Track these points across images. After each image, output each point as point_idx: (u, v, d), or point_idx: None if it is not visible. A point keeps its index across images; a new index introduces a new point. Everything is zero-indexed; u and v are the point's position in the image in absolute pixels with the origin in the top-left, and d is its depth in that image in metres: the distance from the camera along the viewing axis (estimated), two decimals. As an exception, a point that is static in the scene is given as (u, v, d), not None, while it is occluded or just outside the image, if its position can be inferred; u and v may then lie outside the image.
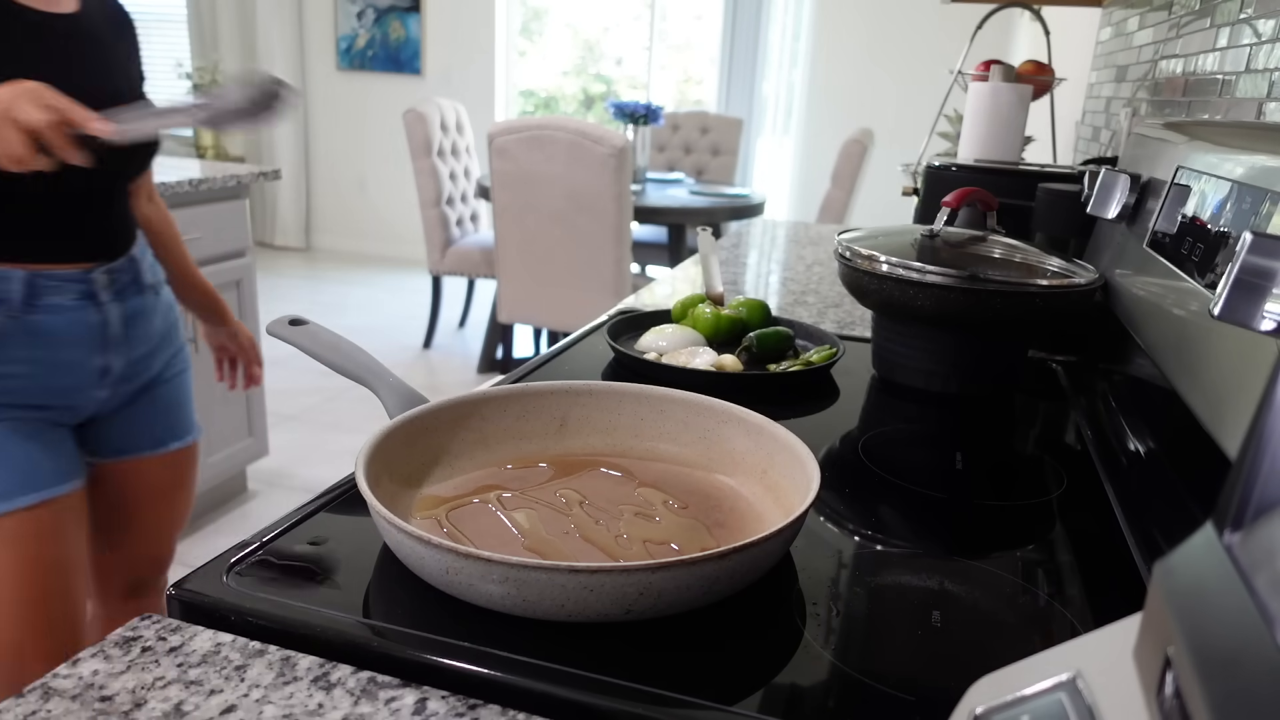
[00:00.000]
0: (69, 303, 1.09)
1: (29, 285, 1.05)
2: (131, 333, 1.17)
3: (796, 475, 0.61)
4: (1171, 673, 0.22)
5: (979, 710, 0.28)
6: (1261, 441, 0.23)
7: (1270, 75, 0.87)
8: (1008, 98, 1.35)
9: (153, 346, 1.22)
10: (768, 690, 0.47)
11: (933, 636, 0.52)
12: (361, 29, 5.51)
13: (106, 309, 1.13)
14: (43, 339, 1.07)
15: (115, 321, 1.14)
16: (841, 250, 0.99)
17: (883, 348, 1.01)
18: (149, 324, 1.21)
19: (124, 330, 1.16)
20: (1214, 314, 0.39)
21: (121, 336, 1.16)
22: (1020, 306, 0.89)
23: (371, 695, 0.45)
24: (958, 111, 1.72)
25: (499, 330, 3.66)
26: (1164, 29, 1.30)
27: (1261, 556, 0.22)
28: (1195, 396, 0.60)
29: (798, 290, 1.48)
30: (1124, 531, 0.67)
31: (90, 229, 1.12)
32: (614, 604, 0.49)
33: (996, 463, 0.83)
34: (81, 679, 0.46)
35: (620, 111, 3.59)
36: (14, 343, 1.06)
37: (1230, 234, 0.61)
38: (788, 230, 2.18)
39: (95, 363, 1.14)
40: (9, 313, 1.04)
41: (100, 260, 1.12)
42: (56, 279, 1.07)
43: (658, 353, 1.01)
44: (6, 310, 1.04)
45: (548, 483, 0.67)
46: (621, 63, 5.82)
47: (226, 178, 2.32)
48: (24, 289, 1.05)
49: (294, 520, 0.62)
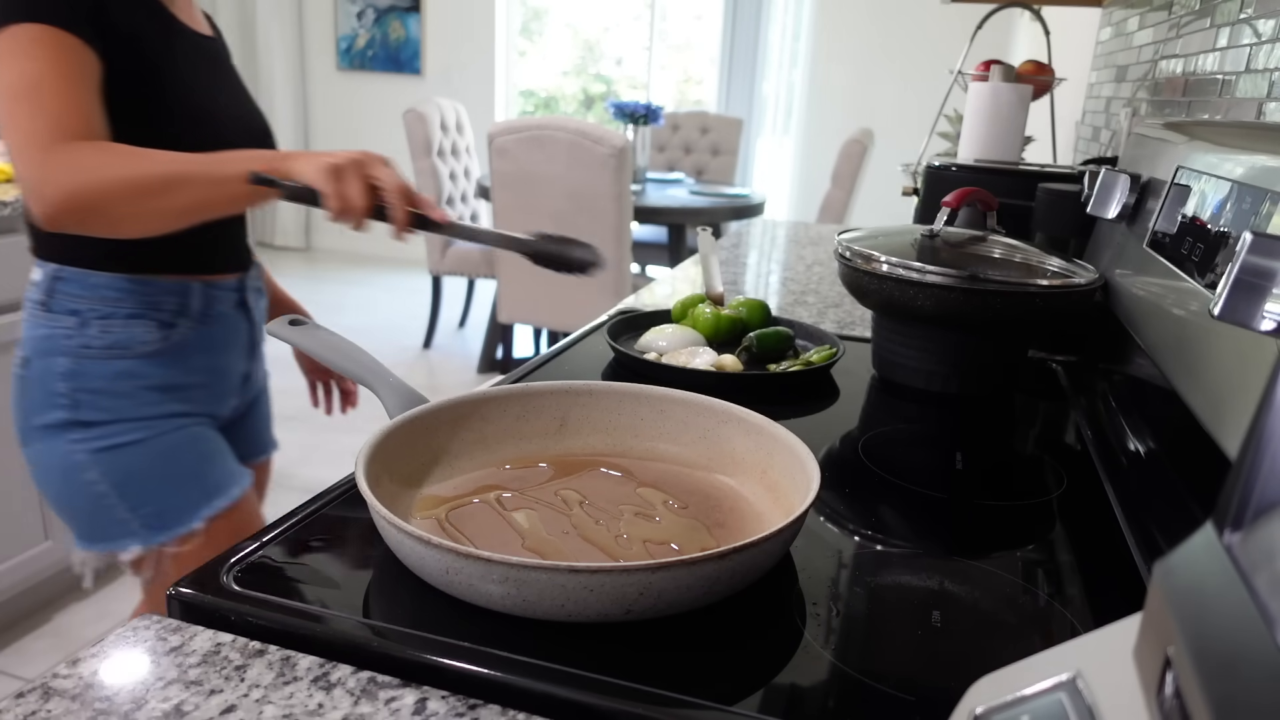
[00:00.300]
0: (230, 311, 1.12)
1: (205, 296, 1.08)
2: (258, 338, 1.20)
3: (796, 475, 0.61)
4: (1171, 673, 0.22)
5: (979, 710, 0.28)
6: (1261, 441, 0.23)
7: (1270, 75, 0.87)
8: (1008, 98, 1.35)
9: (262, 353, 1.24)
10: (768, 690, 0.47)
11: (933, 636, 0.52)
12: (361, 29, 5.51)
13: (252, 315, 1.16)
14: (212, 347, 1.10)
15: (257, 327, 1.18)
16: (841, 250, 0.99)
17: (883, 348, 1.01)
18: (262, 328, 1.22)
19: (260, 336, 1.19)
20: (1214, 314, 0.39)
21: (257, 341, 1.19)
22: (1020, 306, 0.89)
23: (371, 695, 0.45)
24: (958, 111, 1.72)
25: (499, 330, 3.65)
26: (1164, 29, 1.30)
27: (1261, 556, 0.22)
28: (1195, 396, 0.60)
29: (798, 290, 1.48)
30: (1124, 531, 0.67)
31: (240, 237, 1.15)
32: (614, 604, 0.49)
33: (996, 463, 0.83)
34: (81, 679, 0.46)
35: (620, 111, 3.59)
36: (193, 351, 1.08)
37: (1230, 234, 0.61)
38: (788, 230, 2.18)
39: (241, 369, 1.17)
40: (190, 324, 1.06)
41: (246, 268, 1.15)
42: (221, 288, 1.10)
43: (658, 353, 1.01)
44: (189, 322, 1.06)
45: (548, 483, 0.67)
46: (621, 63, 5.82)
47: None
48: (202, 300, 1.07)
49: (294, 520, 0.62)
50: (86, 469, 1.02)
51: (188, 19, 1.08)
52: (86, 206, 0.89)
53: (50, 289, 1.02)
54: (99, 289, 1.01)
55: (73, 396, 1.01)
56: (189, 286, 1.06)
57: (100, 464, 1.02)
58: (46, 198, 0.89)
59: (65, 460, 1.03)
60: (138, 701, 0.44)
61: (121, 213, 0.91)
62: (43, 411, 1.02)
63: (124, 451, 1.03)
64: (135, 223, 0.93)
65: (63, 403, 1.01)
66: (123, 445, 1.02)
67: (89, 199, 0.89)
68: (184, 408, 1.08)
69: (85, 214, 0.90)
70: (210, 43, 1.11)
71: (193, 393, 1.08)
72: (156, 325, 1.04)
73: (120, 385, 1.02)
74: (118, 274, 1.02)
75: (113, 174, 0.89)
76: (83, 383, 1.01)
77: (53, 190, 0.88)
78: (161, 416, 1.05)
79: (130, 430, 1.03)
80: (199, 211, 0.94)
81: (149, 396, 1.04)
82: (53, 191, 0.88)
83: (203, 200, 0.93)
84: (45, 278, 1.03)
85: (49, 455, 1.03)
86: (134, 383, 1.03)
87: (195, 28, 1.09)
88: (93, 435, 1.02)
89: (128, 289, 1.02)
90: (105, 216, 0.91)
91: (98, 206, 0.90)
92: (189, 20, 1.08)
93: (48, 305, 1.02)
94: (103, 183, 0.89)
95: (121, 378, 1.02)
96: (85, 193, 0.89)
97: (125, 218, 0.92)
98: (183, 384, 1.07)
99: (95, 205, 0.89)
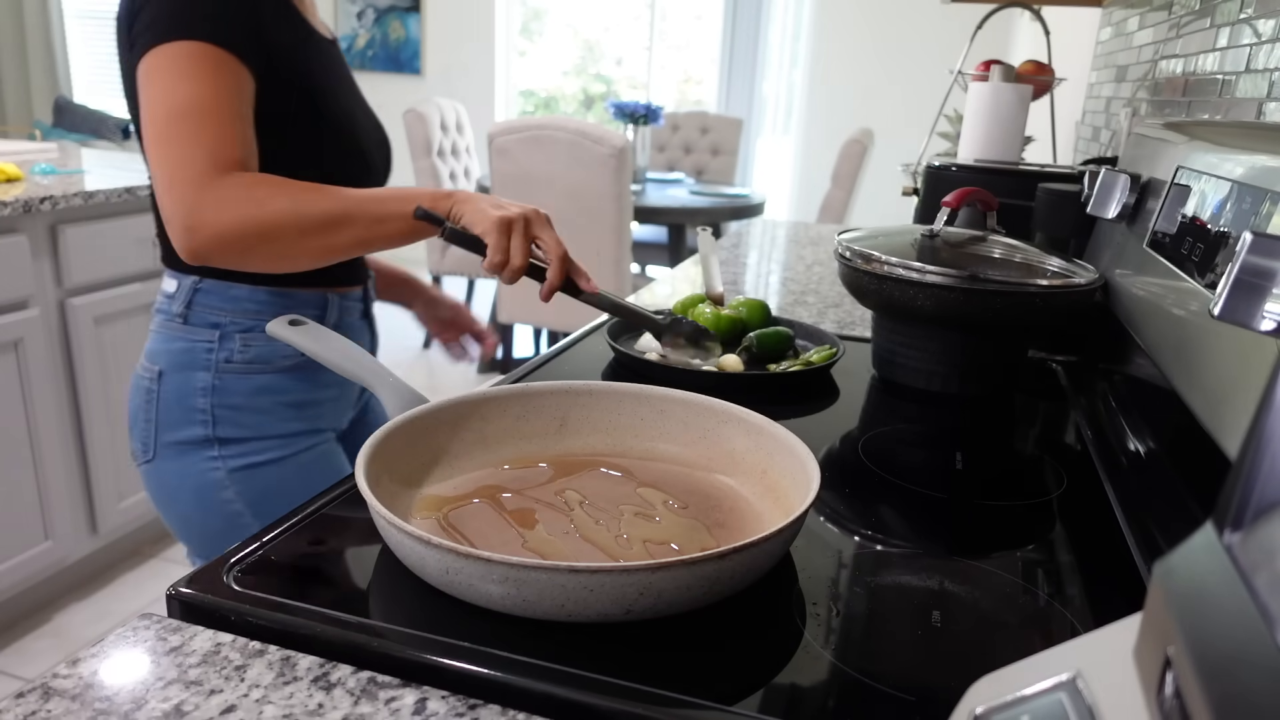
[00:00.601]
0: (356, 321, 1.10)
1: (339, 307, 1.06)
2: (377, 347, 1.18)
3: (796, 475, 0.61)
4: (1171, 673, 0.22)
5: (979, 710, 0.28)
6: (1261, 441, 0.23)
7: (1270, 75, 0.87)
8: (1008, 98, 1.35)
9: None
10: (768, 690, 0.47)
11: (933, 636, 0.52)
12: (361, 29, 5.51)
13: (374, 324, 1.15)
14: None
15: (376, 337, 1.16)
16: (841, 250, 0.99)
17: (883, 348, 1.01)
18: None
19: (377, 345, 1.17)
20: (1214, 314, 0.39)
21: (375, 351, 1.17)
22: (1020, 306, 0.89)
23: (371, 695, 0.45)
24: (958, 111, 1.72)
25: (499, 330, 3.66)
26: (1164, 29, 1.30)
27: (1261, 556, 0.22)
28: (1195, 396, 0.60)
29: (798, 290, 1.48)
30: (1124, 531, 0.67)
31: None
32: (614, 604, 0.49)
33: (996, 463, 0.83)
34: (81, 679, 0.46)
35: (620, 111, 3.59)
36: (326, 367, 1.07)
37: (1230, 234, 0.61)
38: (788, 230, 2.18)
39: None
40: None
41: (366, 279, 1.13)
42: (350, 299, 1.09)
43: (657, 353, 1.01)
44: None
45: (548, 483, 0.67)
46: (621, 63, 5.82)
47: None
48: (337, 312, 1.06)
49: (294, 520, 0.62)
50: (223, 488, 1.00)
51: (317, 24, 1.06)
52: (241, 246, 0.86)
53: (189, 301, 0.99)
54: (241, 301, 0.99)
55: (212, 413, 0.99)
56: (327, 298, 1.04)
57: (238, 483, 1.00)
58: (197, 234, 0.85)
59: (201, 479, 1.00)
60: (138, 701, 0.44)
61: (277, 251, 0.88)
62: (178, 428, 0.99)
63: (261, 471, 1.01)
64: (288, 261, 0.90)
65: (201, 419, 0.99)
66: (260, 464, 1.01)
67: (245, 238, 0.85)
68: (316, 424, 1.06)
69: (239, 252, 0.87)
70: (333, 46, 1.09)
71: (323, 408, 1.06)
72: None
73: (260, 401, 1.00)
74: (259, 286, 0.99)
75: (272, 212, 0.86)
76: (223, 399, 0.99)
77: (207, 229, 0.85)
78: (297, 434, 1.03)
79: (268, 449, 1.01)
80: (356, 249, 0.91)
81: (286, 413, 1.02)
82: (207, 230, 0.85)
83: (362, 238, 0.90)
84: (183, 289, 0.99)
85: (182, 473, 1.00)
86: (273, 399, 1.01)
87: (322, 32, 1.07)
88: (231, 453, 1.00)
89: (269, 301, 1.00)
90: (258, 255, 0.88)
91: (253, 246, 0.86)
92: (318, 25, 1.06)
93: (186, 318, 0.99)
94: (261, 221, 0.86)
95: (261, 393, 1.00)
96: (241, 231, 0.85)
97: (280, 256, 0.89)
98: (315, 399, 1.05)
99: (251, 245, 0.86)
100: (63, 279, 1.94)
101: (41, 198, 1.85)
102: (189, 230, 0.85)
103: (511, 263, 0.88)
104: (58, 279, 1.94)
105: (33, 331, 1.88)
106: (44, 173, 2.17)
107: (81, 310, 1.97)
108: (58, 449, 1.97)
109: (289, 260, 0.90)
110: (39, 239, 1.89)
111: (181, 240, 0.86)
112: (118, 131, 4.98)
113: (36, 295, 1.89)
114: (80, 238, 1.95)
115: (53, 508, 1.98)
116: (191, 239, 0.85)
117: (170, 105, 0.86)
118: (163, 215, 0.87)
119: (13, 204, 1.79)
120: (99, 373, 2.04)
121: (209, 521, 1.02)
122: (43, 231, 1.89)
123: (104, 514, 2.11)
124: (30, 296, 1.88)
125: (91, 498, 2.08)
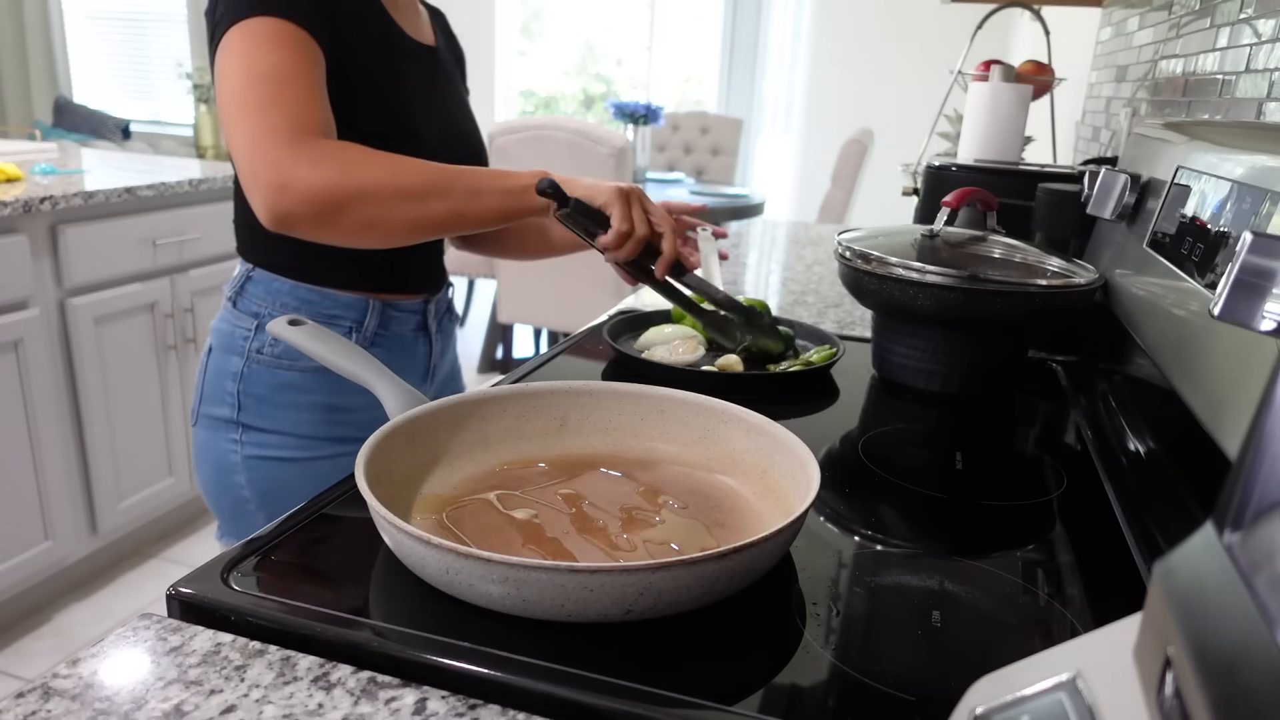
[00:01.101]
0: (407, 334, 1.08)
1: (382, 316, 1.04)
2: (442, 361, 1.16)
3: (796, 475, 0.61)
4: (1171, 673, 0.22)
5: (979, 710, 0.28)
6: (1261, 441, 0.23)
7: (1270, 75, 0.87)
8: (1008, 98, 1.35)
9: (446, 375, 1.19)
10: (768, 690, 0.47)
11: (933, 636, 0.52)
12: (361, 29, 5.50)
13: (433, 340, 1.12)
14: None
15: (436, 353, 1.14)
16: (841, 250, 0.99)
17: (883, 348, 1.01)
18: (451, 355, 1.20)
19: (440, 360, 1.15)
20: (1214, 314, 0.39)
21: (438, 367, 1.15)
22: (1020, 306, 0.89)
23: (371, 695, 0.45)
24: (958, 111, 1.72)
25: (499, 330, 3.65)
26: (1164, 29, 1.30)
27: (1261, 556, 0.22)
28: (1195, 396, 0.60)
29: (798, 290, 1.48)
30: (1124, 531, 0.67)
31: (429, 260, 1.10)
32: (614, 604, 0.49)
33: (996, 463, 0.83)
34: (81, 679, 0.46)
35: (620, 111, 3.59)
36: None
37: (1230, 234, 0.61)
38: (788, 230, 2.18)
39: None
40: (361, 342, 1.02)
41: (432, 292, 1.11)
42: (400, 309, 1.06)
43: (658, 351, 1.01)
44: (360, 338, 1.02)
45: (548, 483, 0.67)
46: (621, 63, 5.82)
47: (226, 178, 2.32)
48: (377, 319, 1.03)
49: (294, 520, 0.62)
50: (236, 471, 1.01)
51: (411, 28, 1.03)
52: (332, 208, 0.82)
53: (240, 288, 1.01)
54: (280, 295, 0.99)
55: (238, 398, 1.00)
56: (367, 304, 1.02)
57: (249, 470, 1.01)
58: (287, 192, 0.81)
59: (221, 457, 1.02)
60: (138, 701, 0.44)
61: (369, 216, 0.84)
62: (213, 403, 1.02)
63: (273, 465, 1.01)
64: (378, 231, 0.86)
65: (229, 401, 1.00)
66: (274, 459, 1.01)
67: (336, 200, 0.82)
68: (343, 432, 1.03)
69: (330, 215, 0.83)
70: (431, 54, 1.06)
71: (353, 416, 1.03)
72: None
73: (282, 397, 1.00)
74: (300, 282, 0.99)
75: (367, 175, 0.83)
76: (249, 387, 1.00)
77: (299, 186, 0.81)
78: (319, 439, 1.02)
79: (284, 446, 1.01)
80: (448, 224, 0.88)
81: (308, 415, 1.01)
82: (298, 188, 0.81)
83: (457, 211, 0.87)
84: (239, 276, 1.02)
85: (209, 446, 1.03)
86: (295, 396, 1.00)
87: (417, 38, 1.04)
88: (250, 440, 1.00)
89: (306, 299, 0.99)
90: (347, 219, 0.84)
91: (346, 207, 0.83)
92: (412, 30, 1.03)
93: (235, 303, 1.01)
94: (355, 182, 0.83)
95: (284, 390, 1.00)
96: (333, 192, 0.82)
97: (371, 223, 0.85)
98: (343, 405, 1.02)
99: (344, 205, 0.83)
100: (63, 279, 1.94)
101: (41, 198, 1.85)
102: (280, 189, 0.81)
103: (637, 231, 0.89)
104: (58, 279, 1.94)
105: (33, 331, 1.88)
106: (44, 173, 2.17)
107: (81, 310, 1.97)
108: (58, 449, 1.97)
109: (378, 230, 0.86)
110: (39, 239, 1.89)
111: (269, 200, 0.82)
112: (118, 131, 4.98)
113: (36, 295, 1.89)
114: (80, 238, 1.95)
115: (53, 508, 1.98)
116: (281, 198, 0.82)
117: (251, 73, 0.84)
118: (247, 181, 0.84)
119: (13, 204, 1.79)
120: (99, 373, 2.04)
121: (220, 500, 1.04)
122: (43, 231, 1.89)
123: (104, 514, 2.11)
124: (30, 296, 1.88)
125: (91, 498, 2.08)
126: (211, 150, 5.26)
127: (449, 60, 1.11)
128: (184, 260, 2.22)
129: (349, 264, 0.99)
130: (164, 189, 2.14)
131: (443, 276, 1.14)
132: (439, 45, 1.09)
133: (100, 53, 5.83)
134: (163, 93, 5.74)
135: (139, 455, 2.18)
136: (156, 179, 2.16)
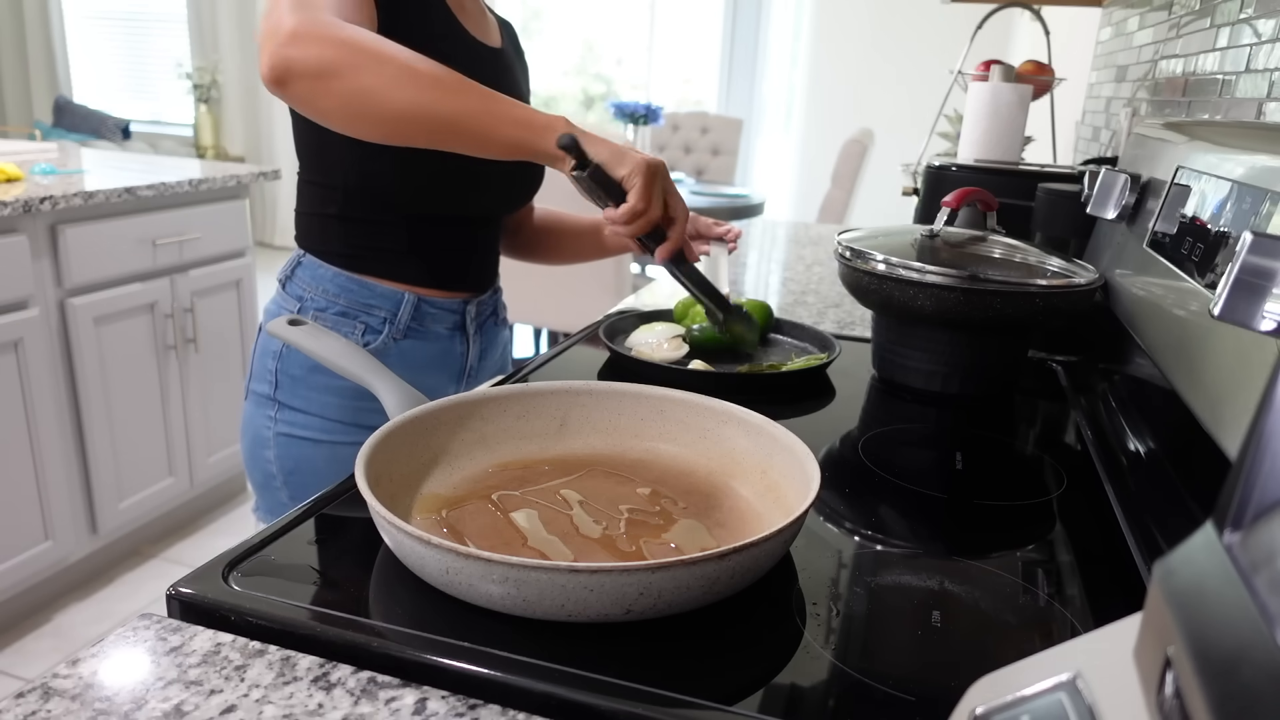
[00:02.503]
0: (442, 331, 1.08)
1: (417, 310, 1.04)
2: (481, 365, 1.16)
3: (796, 475, 0.61)
4: (1171, 673, 0.22)
5: (979, 710, 0.28)
6: (1261, 441, 0.23)
7: (1270, 75, 0.87)
8: (1008, 98, 1.35)
9: (487, 379, 1.19)
10: (768, 690, 0.47)
11: (933, 636, 0.52)
12: (361, 29, 5.50)
13: (470, 340, 1.12)
14: (412, 365, 1.05)
15: (474, 354, 1.13)
16: (841, 250, 0.99)
17: (883, 348, 1.01)
18: (494, 357, 1.19)
19: (478, 362, 1.15)
20: (1214, 314, 0.39)
21: (475, 369, 1.15)
22: (1020, 306, 0.89)
23: (371, 695, 0.45)
24: (958, 111, 1.72)
25: (499, 330, 3.65)
26: (1164, 29, 1.30)
27: (1261, 556, 0.22)
28: (1195, 396, 0.60)
29: (798, 290, 1.48)
30: (1124, 531, 0.67)
31: (474, 258, 1.09)
32: (614, 604, 0.49)
33: (996, 463, 0.83)
34: (81, 679, 0.46)
35: (620, 111, 3.59)
36: (389, 365, 1.04)
37: (1230, 234, 0.61)
38: (788, 230, 2.18)
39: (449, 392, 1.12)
40: (393, 334, 1.03)
41: (474, 292, 1.11)
42: (437, 306, 1.06)
43: (642, 348, 1.03)
44: (392, 331, 1.03)
45: (548, 483, 0.67)
46: (621, 63, 5.82)
47: (226, 178, 2.32)
48: (411, 313, 1.04)
49: (294, 520, 0.62)
50: (268, 446, 1.04)
51: (475, 29, 1.02)
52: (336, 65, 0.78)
53: (291, 272, 1.04)
54: (323, 280, 1.01)
55: (276, 376, 1.03)
56: (403, 296, 1.02)
57: (279, 446, 1.03)
58: (299, 41, 0.78)
59: (258, 431, 1.05)
60: (138, 701, 0.44)
61: (368, 85, 0.79)
62: (258, 379, 1.05)
63: (300, 444, 1.03)
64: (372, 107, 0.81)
65: (269, 378, 1.03)
66: (301, 439, 1.03)
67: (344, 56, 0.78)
68: (371, 420, 1.00)
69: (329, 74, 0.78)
70: (494, 55, 1.05)
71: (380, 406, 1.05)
72: (361, 330, 1.02)
73: (315, 379, 1.02)
74: (342, 270, 1.01)
75: (385, 45, 0.80)
76: (286, 366, 1.02)
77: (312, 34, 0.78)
78: (346, 424, 1.03)
79: (312, 427, 1.03)
80: (448, 130, 0.83)
81: (337, 399, 1.02)
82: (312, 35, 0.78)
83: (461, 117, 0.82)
84: (291, 261, 1.05)
85: (251, 420, 1.06)
86: (327, 380, 1.01)
87: (481, 38, 1.03)
88: (283, 418, 1.03)
89: (346, 287, 1.01)
90: (347, 83, 0.79)
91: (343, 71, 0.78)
92: (476, 30, 1.02)
93: (284, 286, 1.04)
94: (370, 47, 0.79)
95: (316, 372, 1.01)
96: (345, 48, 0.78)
97: (367, 94, 0.79)
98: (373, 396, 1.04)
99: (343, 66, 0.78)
100: (63, 279, 1.94)
101: (41, 198, 1.85)
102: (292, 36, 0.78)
103: (650, 213, 0.85)
104: (58, 279, 1.94)
105: (33, 331, 1.88)
106: (44, 173, 2.17)
107: (81, 310, 1.97)
108: (58, 449, 1.97)
109: (372, 105, 0.81)
110: (39, 239, 1.89)
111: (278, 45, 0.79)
112: (118, 131, 4.98)
113: (36, 295, 1.89)
114: (80, 238, 1.95)
115: (53, 508, 1.98)
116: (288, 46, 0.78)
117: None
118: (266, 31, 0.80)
119: (13, 204, 1.79)
120: (99, 373, 2.04)
121: (254, 473, 1.07)
122: (43, 231, 1.89)
123: (104, 514, 2.11)
124: (30, 296, 1.88)
125: (91, 498, 2.08)
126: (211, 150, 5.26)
127: (515, 65, 1.11)
128: (184, 260, 2.22)
129: (395, 256, 1.01)
130: (164, 189, 2.14)
131: (490, 279, 1.13)
132: (505, 48, 1.09)
133: (100, 53, 5.83)
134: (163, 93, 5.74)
135: (139, 455, 2.18)
136: (156, 179, 2.16)
